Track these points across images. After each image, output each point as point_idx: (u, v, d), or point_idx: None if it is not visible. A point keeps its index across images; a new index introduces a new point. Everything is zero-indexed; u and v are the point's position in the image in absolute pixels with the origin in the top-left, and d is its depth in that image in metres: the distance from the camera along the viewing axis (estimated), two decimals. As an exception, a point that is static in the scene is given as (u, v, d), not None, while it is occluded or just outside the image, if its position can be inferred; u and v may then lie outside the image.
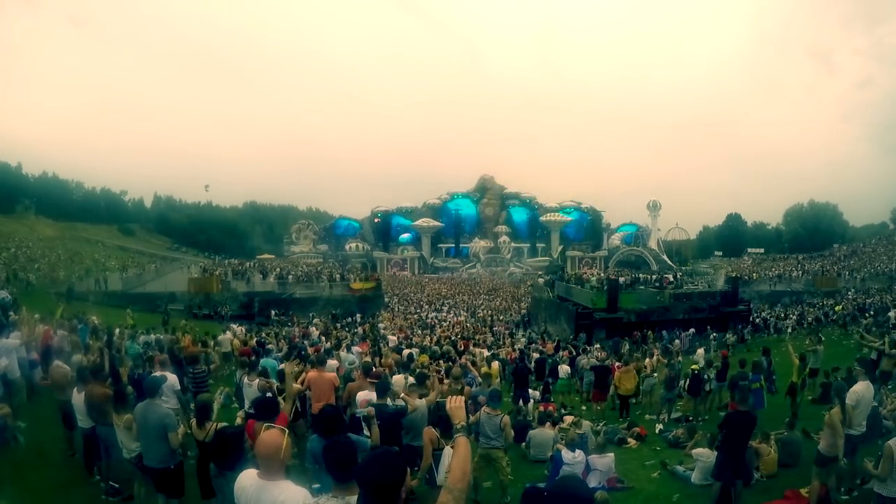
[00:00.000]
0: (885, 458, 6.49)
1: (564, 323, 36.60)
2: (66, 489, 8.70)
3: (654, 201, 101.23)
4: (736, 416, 8.77)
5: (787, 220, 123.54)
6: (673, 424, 15.15)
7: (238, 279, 54.46)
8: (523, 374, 16.74)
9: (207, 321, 37.33)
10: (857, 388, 8.71)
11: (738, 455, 8.51)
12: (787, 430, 11.27)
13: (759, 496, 9.22)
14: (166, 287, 47.02)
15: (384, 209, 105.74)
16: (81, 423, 8.62)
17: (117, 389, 7.92)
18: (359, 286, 49.92)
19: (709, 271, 75.08)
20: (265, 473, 3.71)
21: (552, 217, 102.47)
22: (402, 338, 27.68)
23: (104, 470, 8.52)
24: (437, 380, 10.57)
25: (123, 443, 7.37)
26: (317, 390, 9.43)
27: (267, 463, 3.70)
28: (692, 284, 53.21)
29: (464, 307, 51.45)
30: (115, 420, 7.39)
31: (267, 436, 3.79)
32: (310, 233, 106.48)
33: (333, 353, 17.60)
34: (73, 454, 9.61)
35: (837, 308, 39.72)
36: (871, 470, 6.72)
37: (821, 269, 66.40)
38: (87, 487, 8.67)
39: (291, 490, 3.65)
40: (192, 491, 7.21)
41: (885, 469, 6.46)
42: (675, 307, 36.82)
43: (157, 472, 7.03)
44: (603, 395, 17.28)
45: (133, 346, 17.81)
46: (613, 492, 9.68)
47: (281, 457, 3.70)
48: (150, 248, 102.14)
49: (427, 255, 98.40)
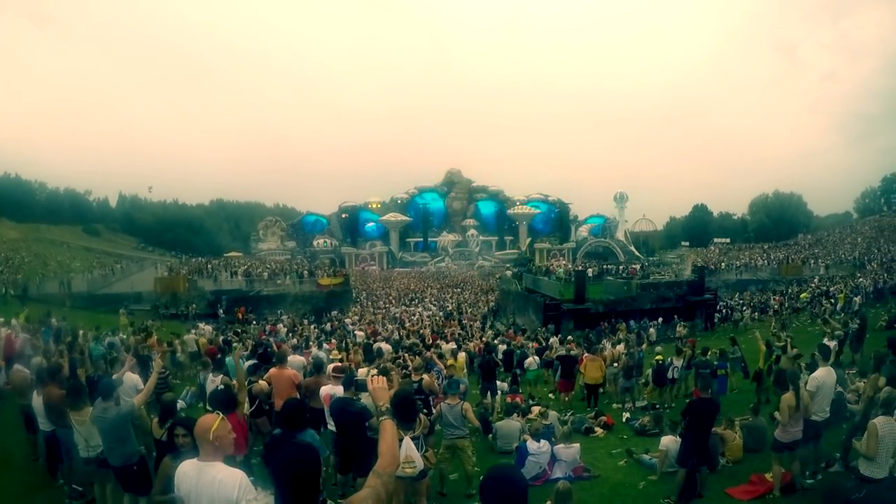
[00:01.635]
0: (869, 437, 6.57)
1: (533, 314, 36.74)
2: (29, 494, 8.59)
3: (621, 193, 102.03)
4: (698, 403, 8.82)
5: (752, 210, 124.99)
6: (639, 413, 15.24)
7: (205, 277, 53.90)
8: (490, 366, 16.73)
9: (174, 321, 36.99)
10: (817, 374, 8.79)
11: (701, 442, 8.56)
12: (752, 416, 11.36)
13: (725, 481, 9.27)
14: (132, 287, 46.18)
15: (352, 204, 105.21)
16: (42, 427, 8.45)
17: (72, 384, 7.75)
18: (327, 282, 49.67)
19: (676, 261, 75.76)
20: (203, 456, 3.78)
21: (520, 210, 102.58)
22: (369, 333, 27.59)
23: (66, 473, 8.39)
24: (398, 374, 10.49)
25: (87, 439, 7.20)
26: (278, 387, 9.35)
27: (201, 445, 3.78)
28: (659, 274, 53.56)
29: (433, 301, 51.35)
30: (75, 417, 7.22)
31: (201, 420, 3.91)
32: (277, 229, 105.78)
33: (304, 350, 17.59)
34: (37, 458, 9.47)
35: (803, 295, 40.22)
36: (860, 449, 6.77)
37: (786, 258, 67.11)
38: (50, 491, 8.56)
39: (228, 470, 3.73)
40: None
41: (871, 447, 6.53)
42: (642, 297, 36.99)
43: (121, 471, 6.94)
44: (570, 385, 17.31)
45: (97, 347, 17.56)
46: (580, 481, 9.71)
47: (210, 437, 3.73)
48: (116, 248, 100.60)
49: (395, 250, 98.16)
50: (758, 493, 8.60)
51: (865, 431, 6.74)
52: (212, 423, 3.79)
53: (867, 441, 6.56)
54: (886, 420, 6.64)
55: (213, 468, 3.70)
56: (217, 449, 3.79)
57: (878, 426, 6.53)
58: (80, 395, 7.40)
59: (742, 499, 8.56)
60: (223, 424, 3.87)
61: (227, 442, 3.89)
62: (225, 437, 3.87)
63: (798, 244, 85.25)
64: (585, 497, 8.83)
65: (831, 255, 66.59)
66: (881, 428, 6.53)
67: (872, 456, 6.52)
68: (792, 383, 8.45)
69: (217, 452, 3.80)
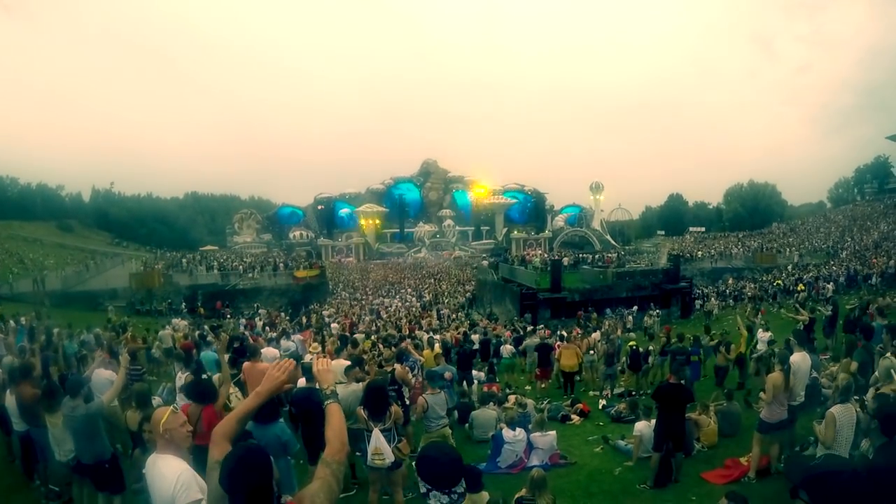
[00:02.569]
0: (827, 425, 6.57)
1: (509, 304, 36.77)
2: (5, 496, 8.47)
3: (596, 183, 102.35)
4: (666, 388, 8.86)
5: (727, 199, 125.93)
6: (616, 399, 15.30)
7: (180, 272, 53.50)
8: (467, 356, 16.74)
9: (150, 317, 36.72)
10: (792, 359, 8.85)
11: (675, 426, 8.58)
12: (727, 401, 11.42)
13: (701, 466, 9.32)
14: (107, 284, 45.68)
15: (327, 196, 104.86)
16: (16, 427, 8.32)
17: (46, 388, 7.63)
18: (303, 274, 49.62)
19: (651, 250, 76.16)
20: (158, 449, 3.83)
21: (496, 200, 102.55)
22: (346, 325, 27.56)
23: (43, 473, 8.30)
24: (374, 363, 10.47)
25: (59, 444, 7.13)
26: (251, 381, 9.25)
27: (155, 438, 3.88)
28: (635, 263, 53.82)
29: (410, 292, 51.33)
30: (49, 419, 7.15)
31: (154, 413, 4.02)
32: (253, 222, 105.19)
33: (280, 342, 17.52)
34: (13, 460, 9.30)
35: (777, 282, 40.58)
36: (818, 433, 6.78)
37: (760, 246, 67.62)
38: (27, 493, 8.44)
39: (172, 465, 3.71)
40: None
41: (828, 435, 6.52)
42: (617, 285, 37.17)
43: (93, 470, 6.85)
44: (547, 373, 17.36)
45: (70, 345, 17.38)
46: (556, 468, 9.74)
47: (160, 430, 3.77)
48: (90, 243, 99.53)
49: (372, 242, 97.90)
50: (733, 478, 8.64)
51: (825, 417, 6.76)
52: (161, 416, 3.80)
53: (825, 429, 6.57)
54: (845, 408, 6.66)
55: (161, 460, 3.72)
56: (168, 442, 3.78)
57: (836, 414, 6.54)
58: (56, 398, 7.24)
59: (717, 483, 8.59)
60: (174, 418, 3.85)
61: (180, 435, 3.86)
62: (175, 430, 3.84)
63: (772, 233, 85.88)
64: (562, 484, 8.82)
65: (805, 244, 67.08)
66: (839, 416, 6.55)
67: (830, 444, 6.53)
68: (781, 363, 8.50)
69: (169, 445, 3.79)
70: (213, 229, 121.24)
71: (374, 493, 7.28)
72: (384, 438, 6.78)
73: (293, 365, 3.60)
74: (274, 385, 3.33)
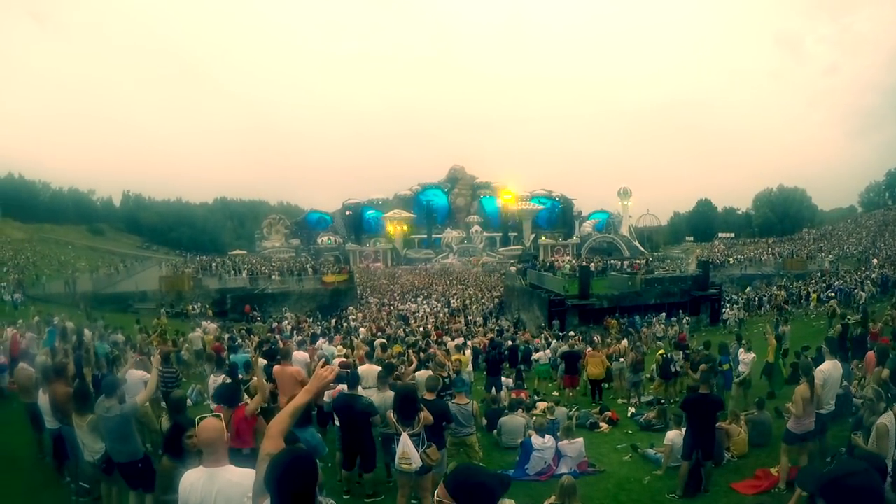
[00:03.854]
0: (880, 437, 6.26)
1: (537, 310, 36.63)
2: (36, 492, 8.59)
3: (624, 188, 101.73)
4: (695, 397, 8.83)
5: (756, 205, 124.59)
6: (644, 407, 15.22)
7: (210, 276, 53.87)
8: (496, 362, 16.75)
9: (179, 319, 37.01)
10: (823, 367, 8.77)
11: (704, 436, 8.54)
12: (757, 411, 11.33)
13: (731, 476, 9.27)
14: (137, 286, 46.17)
15: (355, 201, 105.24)
16: (49, 425, 8.47)
17: (78, 390, 7.74)
18: (331, 279, 49.66)
19: (680, 256, 75.50)
20: (212, 461, 3.72)
21: (523, 206, 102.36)
22: (374, 330, 27.64)
23: (73, 470, 8.37)
24: (408, 368, 10.54)
25: (86, 444, 7.21)
26: (281, 384, 9.36)
27: (211, 448, 3.73)
28: (663, 269, 53.40)
29: (437, 297, 51.31)
30: (77, 421, 7.21)
31: (205, 423, 3.83)
32: (281, 227, 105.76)
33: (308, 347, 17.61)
34: (44, 457, 9.44)
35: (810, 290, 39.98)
36: (862, 446, 6.64)
37: (791, 253, 66.81)
38: (57, 489, 8.54)
39: (240, 471, 3.67)
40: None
41: (883, 448, 6.25)
42: (646, 292, 36.94)
43: (126, 468, 6.95)
44: (574, 380, 17.33)
45: (102, 346, 17.61)
46: (585, 476, 9.72)
47: (225, 439, 3.76)
48: (121, 247, 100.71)
49: (399, 247, 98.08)
50: (763, 488, 8.60)
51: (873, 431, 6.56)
52: (221, 425, 3.79)
53: (878, 441, 6.29)
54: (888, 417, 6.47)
55: (225, 472, 3.67)
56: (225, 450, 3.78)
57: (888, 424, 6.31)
58: (87, 401, 7.34)
59: (747, 493, 8.56)
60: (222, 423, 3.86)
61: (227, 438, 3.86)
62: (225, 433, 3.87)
63: (802, 239, 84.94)
64: (590, 492, 8.83)
65: (836, 250, 66.24)
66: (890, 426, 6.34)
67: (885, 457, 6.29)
68: (806, 375, 8.43)
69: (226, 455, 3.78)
70: (242, 234, 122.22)
71: (403, 497, 7.31)
72: (412, 443, 6.83)
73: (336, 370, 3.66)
74: (322, 384, 3.41)
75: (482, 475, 2.65)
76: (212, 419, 3.85)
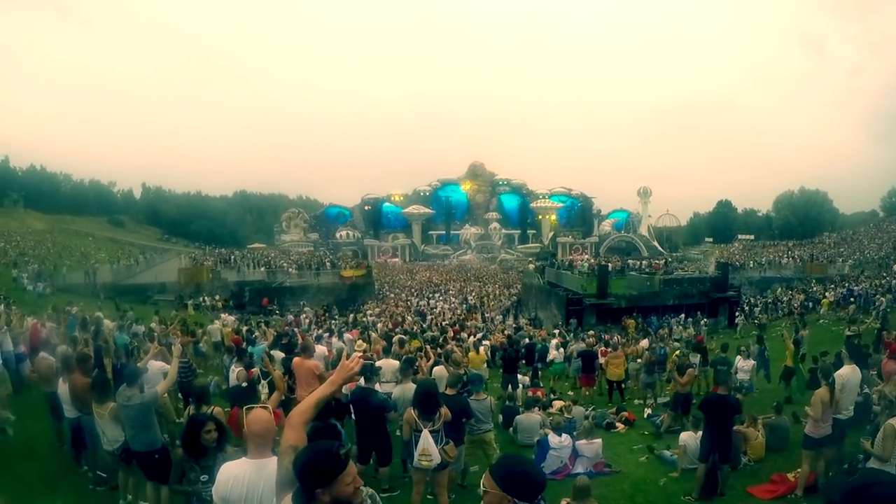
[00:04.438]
0: (886, 438, 6.36)
1: (555, 309, 36.63)
2: (54, 480, 8.63)
3: (644, 188, 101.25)
4: (713, 398, 8.80)
5: (777, 207, 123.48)
6: (661, 409, 15.16)
7: (228, 268, 54.17)
8: (512, 359, 16.74)
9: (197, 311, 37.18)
10: (841, 372, 8.70)
11: (722, 438, 8.50)
12: (775, 415, 11.27)
13: (747, 480, 9.22)
14: (156, 278, 46.37)
15: (374, 196, 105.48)
16: (68, 414, 8.51)
17: (97, 379, 7.82)
18: (349, 274, 49.80)
19: (699, 257, 75.11)
20: (258, 454, 3.70)
21: (542, 203, 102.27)
22: (391, 325, 27.68)
23: (90, 459, 8.47)
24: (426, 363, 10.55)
25: (105, 433, 7.28)
26: (300, 377, 9.42)
27: (260, 441, 3.71)
28: (682, 270, 53.16)
29: (455, 294, 51.33)
30: (96, 409, 7.28)
31: (254, 414, 3.78)
32: (300, 221, 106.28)
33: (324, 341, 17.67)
34: (62, 445, 9.49)
35: (827, 296, 39.61)
36: (869, 449, 6.64)
37: (811, 256, 66.31)
38: (75, 478, 8.60)
39: None
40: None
41: (888, 449, 6.33)
42: (664, 293, 36.87)
43: (143, 458, 6.99)
44: (591, 379, 17.29)
45: (122, 336, 17.72)
46: (601, 476, 9.72)
47: (273, 430, 3.77)
48: (140, 239, 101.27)
49: (418, 243, 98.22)
50: (779, 493, 8.56)
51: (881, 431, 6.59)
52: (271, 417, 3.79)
53: (884, 443, 6.38)
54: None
55: (273, 463, 3.51)
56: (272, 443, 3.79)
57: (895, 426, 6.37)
58: (106, 390, 7.45)
59: (763, 498, 8.52)
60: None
61: None
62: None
63: (823, 242, 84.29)
64: (606, 493, 8.82)
65: (856, 255, 65.67)
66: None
67: (888, 458, 6.36)
68: (825, 379, 8.39)
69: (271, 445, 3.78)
70: (261, 227, 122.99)
71: (418, 493, 7.32)
72: (433, 439, 6.84)
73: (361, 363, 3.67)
74: (347, 376, 3.43)
75: (528, 465, 2.68)
76: (261, 410, 3.82)
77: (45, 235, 76.25)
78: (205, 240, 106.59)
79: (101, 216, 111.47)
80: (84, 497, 8.00)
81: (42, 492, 8.22)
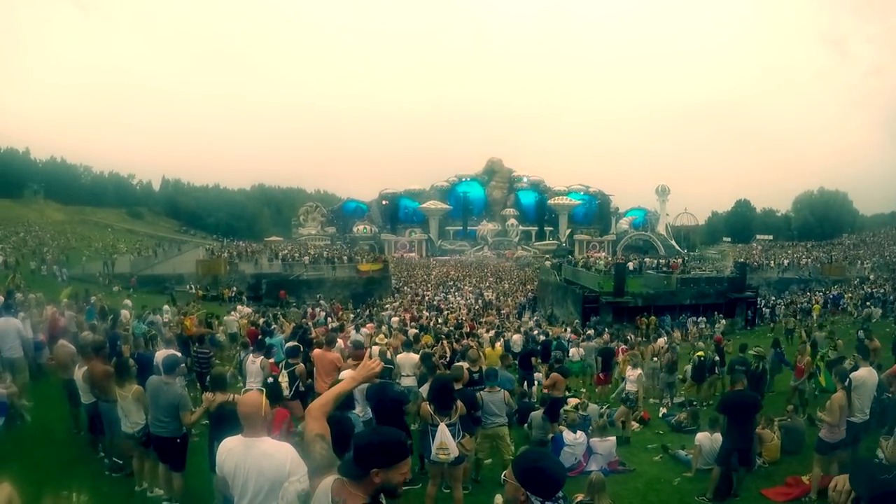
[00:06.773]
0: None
1: (571, 306, 36.60)
2: (70, 465, 8.71)
3: (662, 186, 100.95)
4: (732, 396, 8.77)
5: (796, 207, 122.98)
6: (676, 408, 15.13)
7: (246, 261, 54.31)
8: (528, 356, 16.74)
9: (215, 302, 37.41)
10: (858, 374, 8.62)
11: (743, 439, 8.46)
12: (791, 417, 11.23)
13: (761, 482, 9.20)
14: (174, 269, 46.93)
15: (392, 191, 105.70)
16: (84, 400, 8.64)
17: (119, 361, 7.95)
18: (366, 268, 49.80)
19: (717, 257, 74.74)
20: (250, 432, 3.84)
21: (560, 200, 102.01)
22: (408, 319, 27.76)
23: (107, 446, 8.58)
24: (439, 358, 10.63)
25: (127, 415, 7.39)
26: (320, 368, 9.54)
27: (250, 421, 3.85)
28: (700, 270, 52.89)
29: (471, 290, 51.39)
30: (119, 392, 7.40)
31: (246, 397, 4.05)
32: (318, 215, 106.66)
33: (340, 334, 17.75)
34: (79, 432, 9.65)
35: (847, 296, 39.38)
36: (883, 448, 6.62)
37: (829, 258, 65.84)
38: (91, 464, 8.74)
39: (277, 444, 3.84)
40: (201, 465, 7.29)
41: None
42: (682, 292, 36.70)
43: (163, 442, 7.13)
44: (607, 377, 17.27)
45: (139, 325, 17.89)
46: (615, 474, 9.71)
47: (262, 414, 3.87)
48: (159, 231, 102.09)
49: (435, 238, 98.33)
50: (793, 496, 8.54)
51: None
52: (260, 400, 3.89)
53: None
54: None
55: (262, 443, 3.79)
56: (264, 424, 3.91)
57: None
58: (127, 373, 7.61)
59: (777, 500, 8.50)
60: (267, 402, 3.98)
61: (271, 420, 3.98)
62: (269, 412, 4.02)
63: (842, 244, 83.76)
64: (620, 491, 8.82)
65: (875, 257, 65.17)
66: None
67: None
68: (841, 381, 8.35)
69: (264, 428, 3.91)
70: (279, 221, 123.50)
71: (434, 486, 7.36)
72: (450, 433, 6.89)
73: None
74: (369, 374, 3.60)
75: (546, 462, 2.72)
76: (253, 393, 4.09)
77: (64, 226, 76.92)
78: (223, 232, 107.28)
79: (120, 208, 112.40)
80: (100, 483, 8.07)
81: (59, 477, 8.33)
